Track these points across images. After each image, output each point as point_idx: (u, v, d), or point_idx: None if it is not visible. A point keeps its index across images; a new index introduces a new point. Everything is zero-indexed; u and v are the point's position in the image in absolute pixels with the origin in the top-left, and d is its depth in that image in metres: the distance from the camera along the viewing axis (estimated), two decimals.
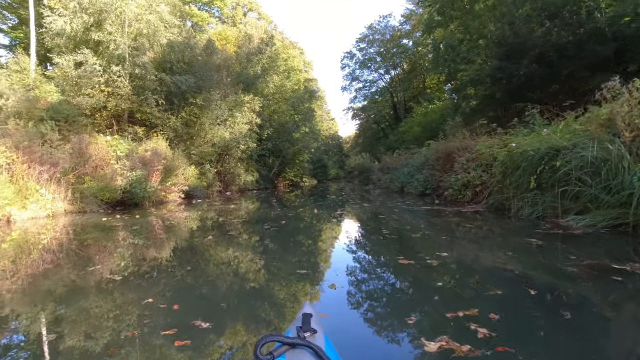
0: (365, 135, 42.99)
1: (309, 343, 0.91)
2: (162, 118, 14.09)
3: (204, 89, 15.50)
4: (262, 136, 20.90)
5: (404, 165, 15.05)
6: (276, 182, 24.43)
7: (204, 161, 15.84)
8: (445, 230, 5.11)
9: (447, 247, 3.93)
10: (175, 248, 4.46)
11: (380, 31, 35.54)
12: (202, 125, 15.94)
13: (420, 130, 25.07)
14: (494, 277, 2.80)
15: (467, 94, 17.17)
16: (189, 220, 7.20)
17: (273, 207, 9.77)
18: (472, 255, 3.69)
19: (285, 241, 4.81)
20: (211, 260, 3.81)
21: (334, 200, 12.55)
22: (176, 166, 13.51)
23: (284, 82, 23.60)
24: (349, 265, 3.39)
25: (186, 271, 3.25)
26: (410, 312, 2.10)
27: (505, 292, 2.38)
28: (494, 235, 4.82)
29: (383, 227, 5.66)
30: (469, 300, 2.26)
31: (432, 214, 6.78)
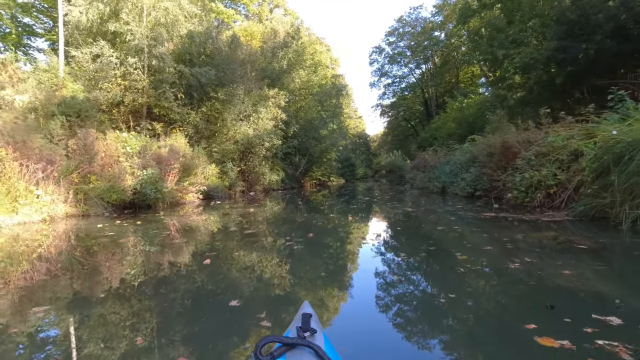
0: (394, 132, 40.93)
1: (309, 343, 0.90)
2: (182, 113, 12.98)
3: (225, 82, 14.30)
4: (287, 133, 19.55)
5: (445, 163, 13.24)
6: (302, 182, 23.07)
7: (225, 159, 14.65)
8: (548, 265, 3.00)
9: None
10: (151, 276, 3.08)
11: (410, 23, 33.47)
12: (224, 121, 14.75)
13: (455, 126, 22.99)
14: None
15: (514, 83, 15.09)
16: (196, 230, 5.86)
17: (298, 211, 8.34)
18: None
19: (309, 267, 3.33)
20: (204, 294, 2.42)
21: (367, 202, 10.97)
22: (195, 165, 12.34)
23: (310, 76, 22.17)
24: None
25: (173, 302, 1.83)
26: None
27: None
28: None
29: (450, 248, 4.10)
30: None
31: (501, 226, 5.09)
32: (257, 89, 16.93)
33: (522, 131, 8.79)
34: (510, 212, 6.28)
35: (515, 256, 3.15)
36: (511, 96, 15.90)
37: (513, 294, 2.37)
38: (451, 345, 1.74)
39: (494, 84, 16.77)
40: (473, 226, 5.10)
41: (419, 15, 32.99)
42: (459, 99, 25.92)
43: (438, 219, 5.96)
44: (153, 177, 9.03)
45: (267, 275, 2.99)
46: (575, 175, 6.45)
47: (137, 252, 4.03)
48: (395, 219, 6.28)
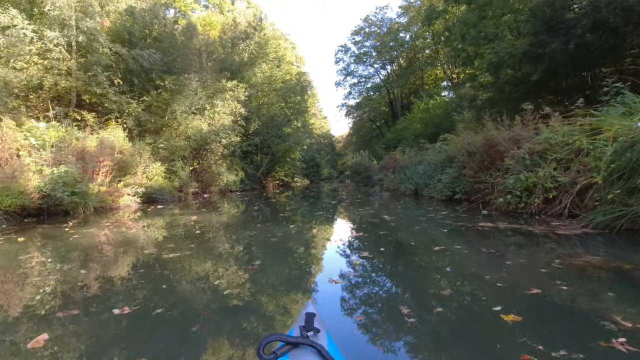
0: (359, 133, 40.04)
1: (311, 342, 0.89)
2: (119, 102, 10.90)
3: (175, 70, 12.36)
4: (248, 130, 17.78)
5: (417, 164, 12.13)
6: (264, 182, 21.32)
7: (175, 157, 12.70)
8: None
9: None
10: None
11: (376, 23, 32.66)
12: (173, 113, 12.78)
13: (421, 126, 22.29)
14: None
15: (484, 81, 14.34)
16: (89, 253, 4.12)
17: (254, 219, 6.75)
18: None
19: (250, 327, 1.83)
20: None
21: (335, 206, 9.55)
22: (135, 162, 10.36)
23: (273, 71, 20.47)
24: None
25: None
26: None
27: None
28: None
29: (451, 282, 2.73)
30: None
31: (515, 244, 3.82)
32: (214, 81, 15.04)
33: (506, 128, 7.74)
34: (508, 222, 5.06)
35: (595, 311, 1.82)
36: (480, 95, 15.19)
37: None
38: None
39: (464, 83, 15.96)
40: (477, 244, 3.78)
41: (385, 16, 32.35)
42: (425, 100, 25.32)
43: (426, 233, 4.63)
44: (68, 177, 7.05)
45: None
46: (578, 176, 5.38)
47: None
48: (373, 232, 4.88)
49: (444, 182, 8.97)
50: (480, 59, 13.67)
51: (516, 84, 12.27)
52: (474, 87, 15.01)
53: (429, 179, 10.59)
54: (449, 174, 9.03)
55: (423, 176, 10.85)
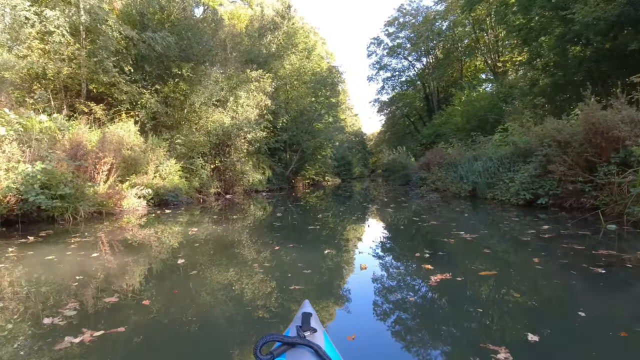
0: (393, 130, 37.59)
1: (308, 342, 0.87)
2: (131, 93, 9.51)
3: (193, 57, 10.86)
4: (276, 125, 16.13)
5: (472, 159, 9.92)
6: (294, 182, 19.63)
7: (194, 154, 11.22)
8: None
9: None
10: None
11: (411, 13, 30.18)
12: (192, 106, 11.30)
13: (463, 120, 19.76)
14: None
15: (549, 62, 11.82)
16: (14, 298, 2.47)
17: (277, 232, 4.99)
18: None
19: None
20: None
21: (378, 213, 7.62)
22: (146, 160, 8.93)
23: (303, 62, 18.71)
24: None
25: None
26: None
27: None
28: None
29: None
30: None
31: None
32: (238, 72, 13.49)
33: (620, 107, 5.47)
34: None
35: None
36: (542, 80, 12.67)
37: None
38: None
39: (516, 70, 13.41)
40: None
41: (421, 4, 29.80)
42: (467, 91, 22.68)
43: (567, 287, 2.64)
44: (48, 176, 5.59)
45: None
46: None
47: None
48: (466, 272, 2.99)
49: (520, 182, 6.79)
50: (548, 34, 11.19)
51: (597, 60, 9.78)
52: (536, 68, 12.50)
53: (491, 177, 8.41)
54: (525, 172, 6.83)
55: (483, 174, 8.67)
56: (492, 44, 26.81)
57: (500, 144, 9.81)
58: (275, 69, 17.24)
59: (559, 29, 10.60)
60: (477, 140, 11.44)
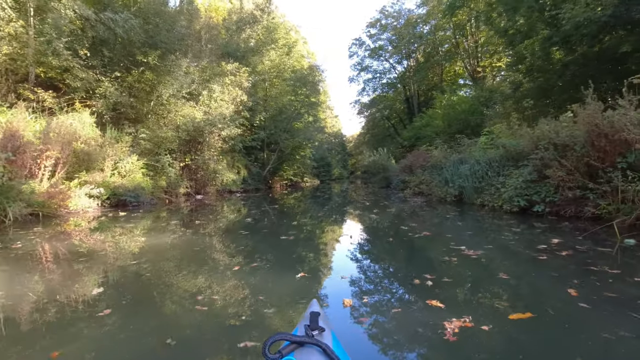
0: (373, 132, 37.15)
1: (317, 341, 0.86)
2: (87, 80, 8.41)
3: (161, 43, 9.82)
4: (252, 122, 15.21)
5: (458, 162, 9.39)
6: (271, 182, 18.70)
7: (160, 151, 10.18)
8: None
9: None
10: None
11: (393, 15, 29.85)
12: (159, 97, 10.26)
13: (444, 123, 19.48)
14: None
15: (534, 65, 11.51)
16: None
17: (245, 242, 4.17)
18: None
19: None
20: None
21: (363, 219, 6.90)
22: (102, 155, 7.87)
23: (282, 59, 17.84)
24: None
25: None
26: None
27: None
28: None
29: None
30: None
31: None
32: (212, 64, 12.50)
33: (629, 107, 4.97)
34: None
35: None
36: (526, 84, 12.39)
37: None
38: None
39: (509, 67, 13.09)
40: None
41: (403, 7, 29.55)
42: (448, 95, 22.47)
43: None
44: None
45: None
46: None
47: None
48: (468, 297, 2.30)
49: (513, 188, 6.23)
50: (534, 36, 10.85)
51: (584, 64, 9.47)
52: (521, 72, 12.18)
53: (479, 181, 7.86)
54: (520, 176, 6.28)
55: (471, 178, 8.12)
56: (471, 49, 26.84)
57: (487, 147, 9.33)
58: (254, 64, 16.31)
59: (544, 31, 10.28)
60: (462, 142, 10.95)
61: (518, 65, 12.20)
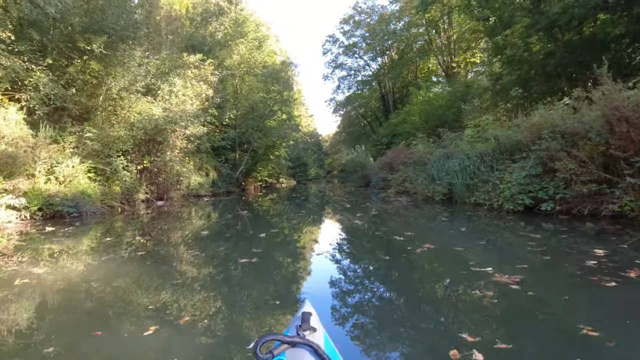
0: (348, 130, 36.42)
1: (308, 341, 0.84)
2: (13, 69, 6.94)
3: (108, 29, 8.42)
4: (221, 120, 13.91)
5: (444, 158, 8.57)
6: (244, 184, 17.40)
7: (111, 152, 8.77)
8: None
9: None
10: None
11: (366, 11, 29.15)
12: (109, 91, 8.85)
13: (421, 119, 18.86)
14: None
15: (516, 56, 10.92)
16: None
17: (193, 270, 3.06)
18: None
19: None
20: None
21: (347, 230, 5.85)
22: (29, 158, 6.49)
23: (253, 53, 16.60)
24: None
25: None
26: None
27: None
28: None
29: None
30: None
31: None
32: (172, 54, 11.15)
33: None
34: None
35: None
36: (506, 76, 11.82)
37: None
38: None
39: (493, 56, 12.45)
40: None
41: (376, 3, 28.92)
42: (424, 91, 21.94)
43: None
44: None
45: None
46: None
47: None
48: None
49: (516, 184, 5.40)
50: (516, 24, 10.24)
51: (570, 51, 8.88)
52: (502, 62, 11.58)
53: (470, 178, 7.05)
54: (522, 171, 5.47)
55: (460, 174, 7.29)
56: (445, 46, 26.56)
57: (474, 140, 8.57)
58: (222, 58, 14.99)
59: (526, 19, 9.69)
60: (445, 136, 10.20)
61: (498, 56, 11.59)
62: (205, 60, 11.66)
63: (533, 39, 10.26)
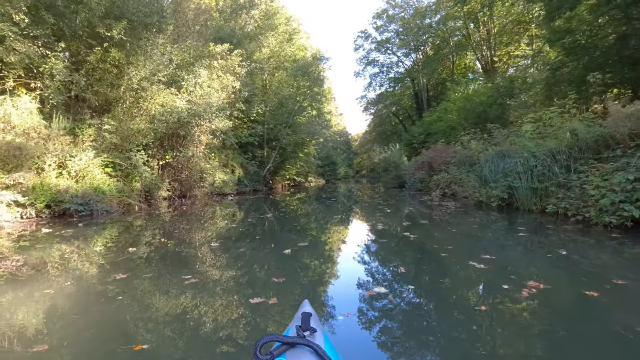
0: (379, 129, 34.92)
1: (308, 342, 0.82)
2: (26, 55, 6.38)
3: (129, 13, 7.77)
4: (249, 115, 13.13)
5: (499, 157, 7.22)
6: (272, 182, 16.61)
7: (131, 146, 8.14)
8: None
9: None
10: None
11: (400, 5, 27.59)
12: (130, 82, 8.21)
13: (460, 117, 17.23)
14: None
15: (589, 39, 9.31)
16: None
17: (199, 305, 2.12)
18: None
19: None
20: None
21: (404, 255, 4.73)
22: (39, 151, 5.88)
23: (283, 46, 15.73)
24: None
25: None
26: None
27: None
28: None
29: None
30: None
31: None
32: (197, 43, 10.45)
33: None
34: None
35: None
36: (568, 63, 10.18)
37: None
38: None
39: (552, 43, 10.78)
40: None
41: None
42: (463, 86, 20.23)
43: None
44: None
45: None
46: None
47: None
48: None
49: (619, 190, 4.06)
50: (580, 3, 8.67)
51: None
52: (564, 49, 9.95)
53: (538, 181, 5.70)
54: (627, 173, 4.12)
55: (524, 176, 5.96)
56: (484, 40, 24.59)
57: (536, 136, 7.16)
58: (250, 51, 14.23)
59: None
60: (497, 133, 8.79)
61: (560, 41, 9.97)
62: (232, 51, 10.86)
63: (604, 19, 8.71)
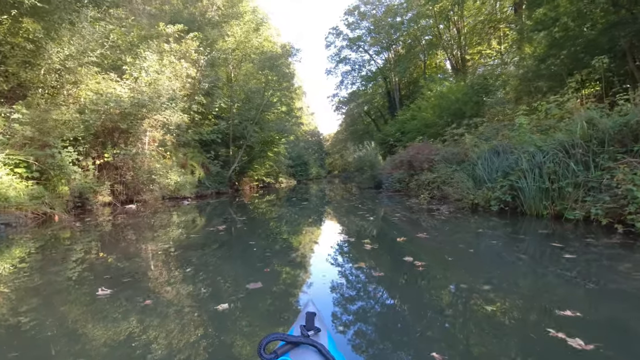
0: (352, 128, 34.04)
1: (312, 341, 0.81)
2: None
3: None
4: (210, 109, 11.57)
5: (492, 154, 6.25)
6: (238, 184, 15.04)
7: (56, 142, 6.45)
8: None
9: None
10: None
11: (371, 2, 26.80)
12: (51, 63, 6.52)
13: (434, 115, 16.56)
14: None
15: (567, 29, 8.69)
16: None
17: None
18: None
19: None
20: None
21: (396, 273, 3.53)
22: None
23: (249, 36, 14.26)
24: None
25: None
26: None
27: None
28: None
29: None
30: None
31: None
32: (143, 22, 8.82)
33: None
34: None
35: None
36: (552, 56, 9.54)
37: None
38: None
39: (537, 28, 10.05)
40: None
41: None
42: (438, 83, 19.63)
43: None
44: None
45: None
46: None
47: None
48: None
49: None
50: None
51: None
52: (549, 37, 9.28)
53: (549, 180, 4.73)
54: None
55: (530, 175, 4.98)
56: (454, 39, 24.31)
57: (532, 130, 6.27)
58: (213, 39, 12.66)
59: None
60: (482, 129, 7.89)
61: (546, 30, 9.28)
62: (187, 32, 9.31)
63: (594, 6, 8.08)
